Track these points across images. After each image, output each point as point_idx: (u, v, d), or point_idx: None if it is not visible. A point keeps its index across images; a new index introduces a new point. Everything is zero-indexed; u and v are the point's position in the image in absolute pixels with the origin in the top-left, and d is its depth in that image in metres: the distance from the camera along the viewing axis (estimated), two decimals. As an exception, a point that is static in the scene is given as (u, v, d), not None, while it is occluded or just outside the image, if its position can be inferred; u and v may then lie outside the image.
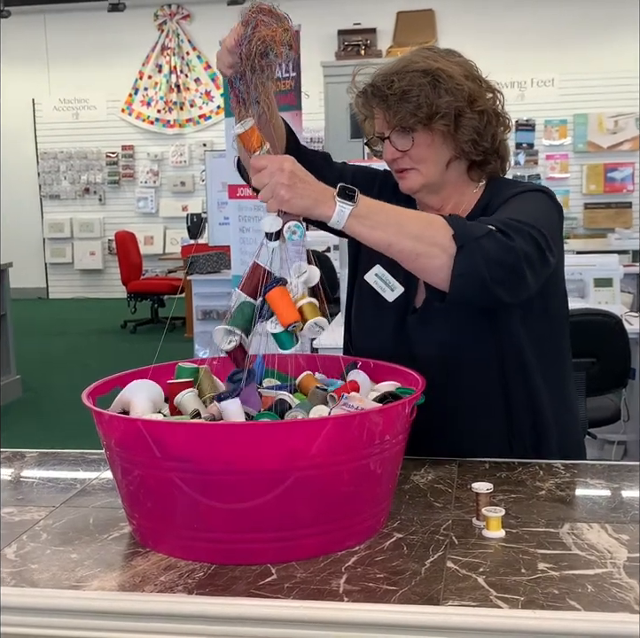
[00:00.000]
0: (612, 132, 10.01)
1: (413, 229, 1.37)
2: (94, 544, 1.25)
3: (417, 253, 1.37)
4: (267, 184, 1.31)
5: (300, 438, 1.15)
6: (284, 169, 1.31)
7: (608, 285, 4.24)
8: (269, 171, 1.31)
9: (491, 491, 1.28)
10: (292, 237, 1.33)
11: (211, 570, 1.16)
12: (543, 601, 1.04)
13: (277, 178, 1.30)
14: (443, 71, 1.55)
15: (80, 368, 6.96)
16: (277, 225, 1.32)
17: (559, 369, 1.65)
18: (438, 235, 1.37)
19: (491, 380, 1.57)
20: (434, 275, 1.38)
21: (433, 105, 1.53)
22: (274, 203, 1.31)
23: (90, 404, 1.25)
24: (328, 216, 1.34)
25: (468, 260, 1.35)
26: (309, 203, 1.33)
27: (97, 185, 11.56)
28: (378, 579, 1.11)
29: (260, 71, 1.32)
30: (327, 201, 1.33)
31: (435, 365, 1.51)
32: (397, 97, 1.54)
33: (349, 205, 1.34)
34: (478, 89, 1.58)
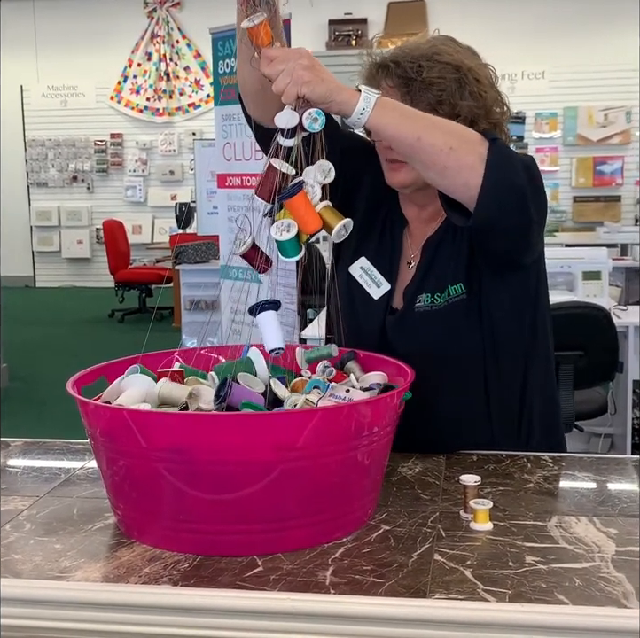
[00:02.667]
0: (601, 125, 10.02)
1: (443, 125, 1.32)
2: (78, 534, 1.24)
3: (450, 147, 1.29)
4: (283, 70, 1.21)
5: (288, 429, 1.14)
6: (303, 52, 1.23)
7: (596, 278, 4.25)
8: (285, 56, 1.23)
9: (479, 483, 1.27)
10: (314, 126, 1.23)
11: (196, 561, 1.14)
12: (531, 594, 1.03)
13: (295, 59, 1.21)
14: (473, 72, 1.49)
15: (67, 357, 6.93)
16: (293, 120, 1.22)
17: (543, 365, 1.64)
18: (468, 132, 1.33)
19: (472, 376, 1.56)
20: (466, 174, 1.31)
21: (455, 106, 1.47)
22: (292, 88, 1.21)
23: (75, 393, 1.24)
24: (352, 104, 1.24)
25: (502, 157, 1.31)
26: (332, 87, 1.23)
27: (86, 173, 11.50)
28: (364, 571, 1.10)
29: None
30: (350, 89, 1.25)
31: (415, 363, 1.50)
32: (423, 86, 1.47)
33: (376, 92, 1.25)
34: (497, 99, 1.54)
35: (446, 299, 1.54)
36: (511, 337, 1.57)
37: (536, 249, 1.52)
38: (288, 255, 1.27)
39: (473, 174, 1.31)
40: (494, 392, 1.56)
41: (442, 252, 1.58)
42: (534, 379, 1.60)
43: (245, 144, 4.27)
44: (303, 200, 1.25)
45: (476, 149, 1.32)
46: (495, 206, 1.33)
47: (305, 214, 1.25)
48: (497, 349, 1.56)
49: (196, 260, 6.85)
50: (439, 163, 1.31)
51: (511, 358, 1.58)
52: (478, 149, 1.32)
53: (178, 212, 8.83)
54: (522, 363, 1.59)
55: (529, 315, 1.58)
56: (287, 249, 1.27)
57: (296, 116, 1.23)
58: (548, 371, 1.65)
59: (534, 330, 1.59)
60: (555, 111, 10.06)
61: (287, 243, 1.26)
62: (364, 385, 1.36)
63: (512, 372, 1.58)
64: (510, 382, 1.58)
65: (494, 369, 1.56)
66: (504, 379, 1.57)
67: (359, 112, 1.26)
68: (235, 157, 4.33)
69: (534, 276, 1.57)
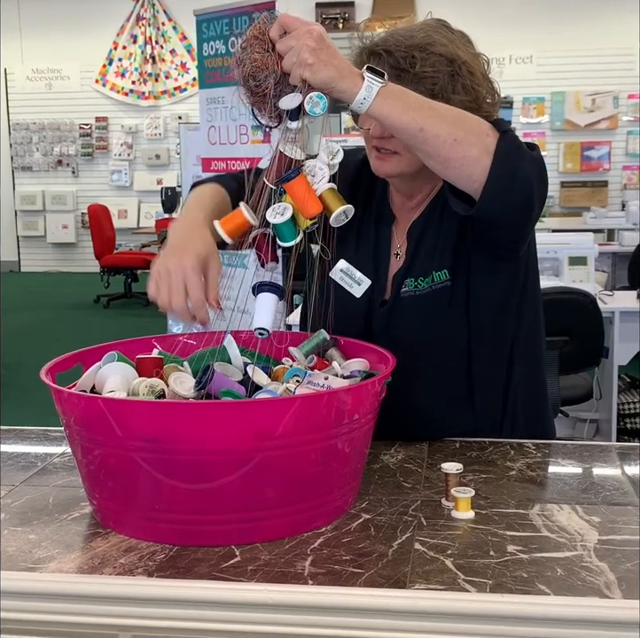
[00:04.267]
0: (589, 110, 10.00)
1: (448, 114, 1.29)
2: (53, 524, 1.22)
3: (454, 138, 1.26)
4: (292, 47, 1.21)
5: (267, 417, 1.12)
6: (313, 31, 1.21)
7: (583, 264, 4.24)
8: (296, 32, 1.21)
9: (461, 471, 1.25)
10: (315, 111, 1.22)
11: (173, 552, 1.12)
12: (512, 584, 1.02)
13: (304, 39, 1.20)
14: (468, 65, 1.46)
15: (52, 342, 6.89)
16: (297, 100, 1.22)
17: (531, 351, 1.62)
18: (476, 123, 1.30)
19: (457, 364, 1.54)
20: (470, 166, 1.28)
21: (448, 100, 1.43)
22: (296, 69, 1.21)
23: (49, 381, 1.21)
24: (353, 92, 1.22)
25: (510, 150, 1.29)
26: (334, 73, 1.21)
27: (71, 157, 11.40)
28: (344, 561, 1.09)
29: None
30: (353, 76, 1.23)
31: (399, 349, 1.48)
32: (415, 79, 1.44)
33: (379, 81, 1.23)
34: (490, 90, 1.51)
35: (430, 284, 1.52)
36: (497, 324, 1.55)
37: (530, 236, 1.50)
38: (284, 239, 1.26)
39: (478, 166, 1.29)
40: (478, 379, 1.54)
41: (428, 238, 1.56)
42: (520, 367, 1.58)
43: (230, 128, 4.24)
44: (303, 184, 1.24)
45: (482, 140, 1.29)
46: (500, 199, 1.32)
47: (305, 198, 1.23)
48: (482, 336, 1.53)
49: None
50: (442, 154, 1.29)
51: (495, 345, 1.56)
52: (484, 141, 1.29)
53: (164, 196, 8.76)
54: (507, 351, 1.57)
55: (516, 302, 1.56)
56: (283, 233, 1.26)
57: (298, 97, 1.22)
58: (535, 358, 1.63)
59: (520, 317, 1.57)
60: (542, 95, 10.04)
61: (284, 226, 1.24)
62: (345, 372, 1.34)
63: (497, 360, 1.56)
64: (494, 370, 1.56)
65: (478, 356, 1.54)
66: (489, 367, 1.55)
67: (359, 101, 1.24)
68: (220, 140, 4.30)
69: (522, 263, 1.55)
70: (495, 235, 1.44)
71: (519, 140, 1.35)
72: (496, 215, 1.35)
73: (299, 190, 1.24)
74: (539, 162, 1.39)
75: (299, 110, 1.23)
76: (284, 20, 1.23)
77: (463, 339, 1.53)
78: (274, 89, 1.23)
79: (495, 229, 1.41)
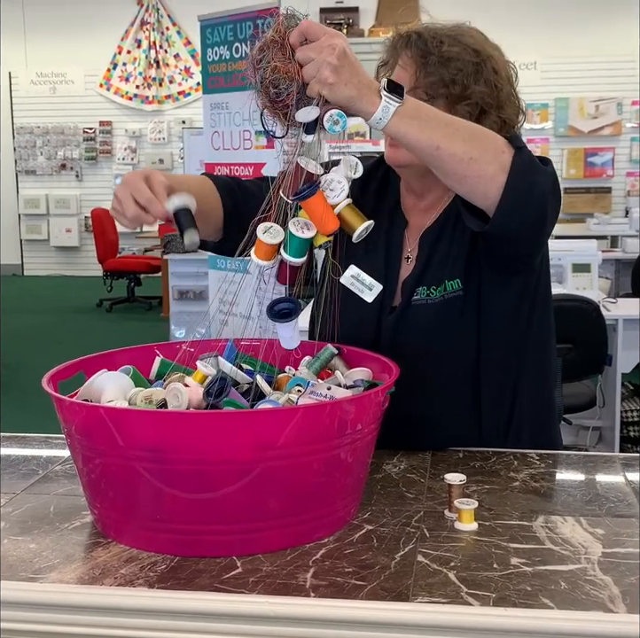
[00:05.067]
0: (593, 117, 10.00)
1: (465, 132, 1.29)
2: (54, 534, 1.21)
3: (470, 157, 1.26)
4: (313, 60, 1.18)
5: (269, 428, 1.11)
6: (336, 46, 1.18)
7: (586, 271, 4.23)
8: (318, 44, 1.18)
9: (464, 482, 1.25)
10: (334, 129, 1.21)
11: (174, 562, 1.12)
12: (515, 598, 1.01)
13: (326, 55, 1.18)
14: (492, 61, 1.48)
15: (54, 346, 6.89)
16: (314, 114, 1.20)
17: (541, 361, 1.61)
18: (492, 140, 1.30)
19: (465, 374, 1.53)
20: (486, 184, 1.29)
21: (467, 88, 1.45)
22: (315, 85, 1.19)
23: (51, 389, 1.21)
24: (370, 112, 1.22)
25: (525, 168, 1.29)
26: (354, 93, 1.20)
27: (74, 161, 11.41)
28: (346, 573, 1.08)
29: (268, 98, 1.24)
30: (372, 95, 1.21)
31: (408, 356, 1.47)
32: (439, 61, 1.45)
33: (396, 101, 1.22)
34: (510, 97, 1.52)
35: (442, 293, 1.52)
36: (507, 334, 1.54)
37: (543, 251, 1.51)
38: (294, 254, 1.26)
39: (493, 184, 1.29)
40: (485, 389, 1.53)
41: (441, 247, 1.56)
42: (528, 377, 1.57)
43: (234, 133, 4.24)
44: (320, 200, 1.23)
45: (498, 158, 1.30)
46: (514, 216, 1.32)
47: (322, 215, 1.23)
48: (492, 346, 1.53)
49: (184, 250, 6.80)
50: (458, 173, 1.29)
51: (505, 355, 1.55)
52: (500, 158, 1.30)
53: (167, 201, 8.76)
54: (516, 361, 1.56)
55: (527, 310, 1.55)
56: (297, 248, 1.25)
57: (315, 111, 1.21)
58: (544, 368, 1.62)
59: (530, 327, 1.56)
60: (546, 102, 10.03)
61: (303, 242, 1.24)
62: (348, 381, 1.33)
63: (505, 370, 1.55)
64: (502, 379, 1.55)
65: (486, 366, 1.53)
66: (497, 377, 1.54)
67: (376, 121, 1.24)
68: (223, 146, 4.30)
69: (535, 272, 1.55)
70: (508, 250, 1.43)
71: (533, 156, 1.36)
72: (510, 231, 1.35)
73: (317, 206, 1.23)
74: (552, 177, 1.39)
75: (315, 123, 1.22)
76: (305, 28, 1.20)
77: (472, 349, 1.52)
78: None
79: (508, 245, 1.41)
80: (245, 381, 1.33)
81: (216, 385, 1.21)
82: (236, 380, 1.33)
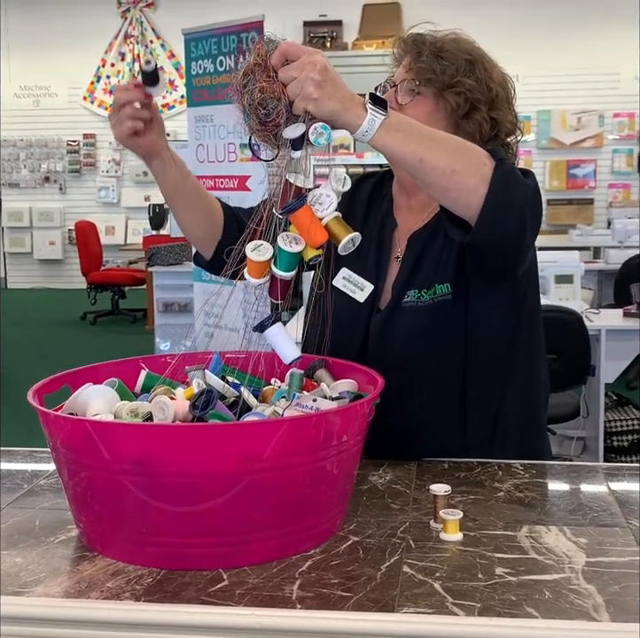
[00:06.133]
0: (574, 129, 10.08)
1: (448, 145, 1.31)
2: (40, 547, 1.21)
3: (452, 169, 1.29)
4: (295, 78, 1.21)
5: (255, 440, 1.11)
6: (317, 63, 1.21)
7: (569, 282, 4.26)
8: (300, 63, 1.21)
9: (449, 493, 1.25)
10: (319, 141, 1.23)
11: (160, 575, 1.12)
12: (500, 608, 1.02)
13: (308, 72, 1.20)
14: (485, 62, 1.56)
15: (38, 359, 6.86)
16: (300, 130, 1.22)
17: (529, 368, 1.62)
18: (474, 153, 1.33)
19: (451, 379, 1.55)
20: (467, 195, 1.31)
21: (455, 78, 1.52)
22: (300, 102, 1.21)
23: (36, 403, 1.21)
24: (356, 125, 1.24)
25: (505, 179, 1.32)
26: (338, 106, 1.22)
27: (58, 174, 11.39)
28: (332, 584, 1.08)
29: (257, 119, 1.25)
30: (357, 108, 1.24)
31: (396, 360, 1.49)
32: (432, 53, 1.53)
33: (381, 114, 1.24)
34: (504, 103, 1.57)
35: (431, 296, 1.54)
36: (494, 342, 1.56)
37: (526, 262, 1.52)
38: (282, 268, 1.27)
39: (474, 195, 1.31)
40: (471, 394, 1.55)
41: (432, 251, 1.58)
42: (515, 385, 1.59)
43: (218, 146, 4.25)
44: (307, 214, 1.25)
45: (480, 171, 1.32)
46: (495, 227, 1.34)
47: (310, 228, 1.25)
48: (479, 353, 1.54)
49: (169, 262, 6.80)
50: (441, 185, 1.31)
51: (492, 361, 1.56)
52: (482, 170, 1.32)
53: (152, 213, 8.76)
54: (503, 370, 1.57)
55: (513, 322, 1.57)
56: (287, 262, 1.26)
57: (301, 127, 1.23)
58: (532, 376, 1.63)
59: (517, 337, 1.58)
60: (528, 114, 10.09)
61: (292, 256, 1.25)
62: (334, 393, 1.34)
63: (492, 376, 1.57)
64: (489, 386, 1.57)
65: (474, 373, 1.55)
66: (484, 383, 1.56)
67: (362, 133, 1.25)
68: (208, 159, 4.30)
69: (521, 286, 1.57)
70: (490, 260, 1.45)
71: (514, 168, 1.38)
72: (491, 242, 1.38)
73: (304, 220, 1.25)
74: (533, 189, 1.41)
75: (302, 139, 1.23)
76: (285, 49, 1.23)
77: (459, 354, 1.54)
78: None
79: (489, 255, 1.43)
80: (231, 394, 1.34)
81: (202, 398, 1.21)
82: (222, 393, 1.34)
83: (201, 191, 1.59)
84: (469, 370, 1.54)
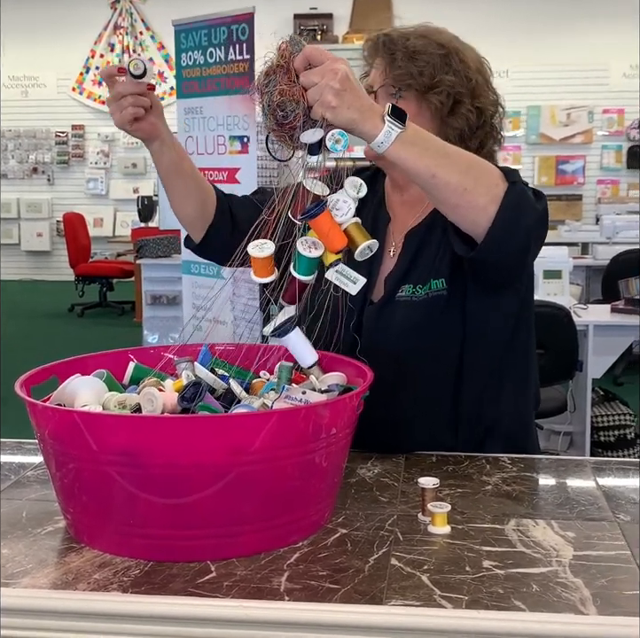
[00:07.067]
0: (564, 124, 10.10)
1: (461, 162, 1.31)
2: (27, 539, 1.20)
3: (464, 188, 1.29)
4: (315, 85, 1.21)
5: (243, 432, 1.11)
6: (339, 71, 1.21)
7: (557, 277, 4.27)
8: (322, 69, 1.21)
9: (437, 486, 1.26)
10: (336, 147, 1.23)
11: (148, 567, 1.11)
12: (488, 600, 1.02)
13: (328, 79, 1.20)
14: (460, 54, 1.54)
15: (25, 351, 6.82)
16: (318, 135, 1.23)
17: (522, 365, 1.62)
18: (487, 172, 1.33)
19: (445, 376, 1.55)
20: (476, 214, 1.32)
21: (435, 77, 1.50)
22: (319, 108, 1.21)
23: (24, 394, 1.20)
24: (373, 135, 1.24)
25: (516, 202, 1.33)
26: (356, 116, 1.23)
27: (46, 165, 11.34)
28: (320, 576, 1.08)
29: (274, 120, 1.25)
30: (374, 118, 1.24)
31: (389, 354, 1.49)
32: (406, 55, 1.51)
33: (399, 127, 1.24)
34: (484, 87, 1.57)
35: (426, 291, 1.54)
36: (494, 341, 1.56)
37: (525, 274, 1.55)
38: (302, 272, 1.27)
39: (483, 214, 1.32)
40: (465, 394, 1.55)
41: (428, 248, 1.58)
42: (509, 386, 1.59)
43: (208, 138, 4.23)
44: (327, 219, 1.25)
45: (491, 191, 1.32)
46: (500, 247, 1.36)
47: (330, 233, 1.25)
48: (474, 351, 1.54)
49: (157, 255, 6.78)
50: (451, 201, 1.32)
51: (488, 362, 1.56)
52: (493, 191, 1.32)
53: (140, 205, 8.74)
54: (499, 369, 1.58)
55: (513, 321, 1.58)
56: (306, 266, 1.27)
57: (319, 133, 1.23)
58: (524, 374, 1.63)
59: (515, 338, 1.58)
60: (518, 109, 10.11)
61: (310, 260, 1.26)
62: (323, 386, 1.34)
63: (487, 376, 1.57)
64: (482, 387, 1.56)
65: (468, 371, 1.55)
66: (478, 383, 1.56)
67: (377, 144, 1.26)
68: (197, 151, 4.28)
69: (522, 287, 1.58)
70: (490, 275, 1.48)
71: (526, 191, 1.39)
72: (494, 261, 1.40)
73: (324, 225, 1.25)
74: (541, 213, 1.42)
75: (319, 145, 1.24)
76: (309, 53, 1.23)
77: (454, 350, 1.54)
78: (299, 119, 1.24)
79: (490, 271, 1.45)
80: (220, 386, 1.33)
81: (191, 390, 1.21)
82: (211, 385, 1.34)
83: (197, 174, 1.60)
84: (464, 369, 1.54)
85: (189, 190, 1.58)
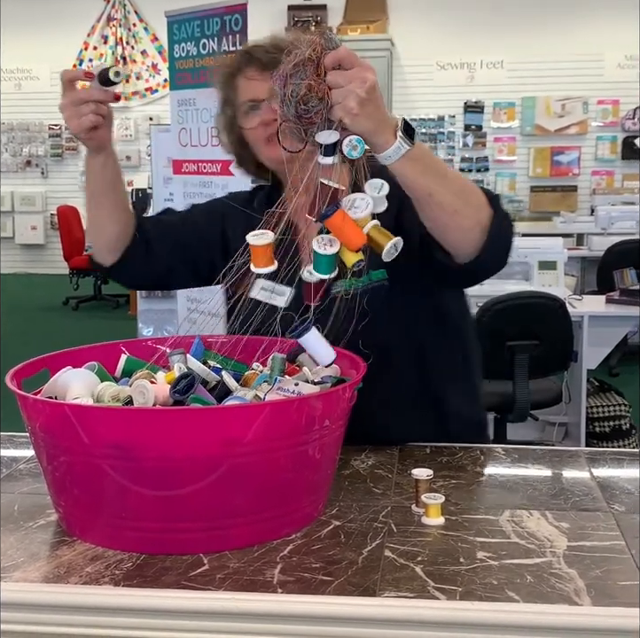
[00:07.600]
0: (559, 115, 10.07)
1: (455, 185, 1.36)
2: (18, 532, 1.20)
3: (454, 209, 1.34)
4: (341, 87, 1.21)
5: (236, 424, 1.10)
6: (367, 80, 1.21)
7: (552, 268, 4.27)
8: (351, 74, 1.21)
9: (431, 477, 1.25)
10: (352, 154, 1.23)
11: (140, 560, 1.11)
12: (482, 592, 1.02)
13: (356, 86, 1.21)
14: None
15: (19, 344, 6.80)
16: (334, 137, 1.23)
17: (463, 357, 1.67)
18: (475, 197, 1.38)
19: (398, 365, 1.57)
20: (461, 234, 1.38)
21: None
22: (339, 111, 1.21)
23: (14, 387, 1.19)
24: (383, 148, 1.26)
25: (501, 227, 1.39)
26: (372, 127, 1.24)
27: (40, 158, 11.28)
28: (313, 569, 1.08)
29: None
30: (387, 132, 1.25)
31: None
32: (282, 53, 1.49)
33: (408, 144, 1.26)
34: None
35: (367, 283, 1.54)
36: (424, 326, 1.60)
37: None
38: (322, 271, 1.27)
39: (467, 236, 1.38)
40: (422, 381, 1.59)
41: None
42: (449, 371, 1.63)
43: (202, 130, 4.21)
44: (342, 219, 1.25)
45: (477, 215, 1.38)
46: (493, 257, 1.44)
47: (347, 232, 1.25)
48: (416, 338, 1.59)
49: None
50: (441, 221, 1.37)
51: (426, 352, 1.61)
52: (479, 215, 1.38)
53: (135, 198, 8.71)
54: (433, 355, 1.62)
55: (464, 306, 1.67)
56: (323, 264, 1.26)
57: (335, 135, 1.23)
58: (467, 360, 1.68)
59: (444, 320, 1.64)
60: (513, 100, 10.08)
61: (327, 258, 1.26)
62: (316, 378, 1.33)
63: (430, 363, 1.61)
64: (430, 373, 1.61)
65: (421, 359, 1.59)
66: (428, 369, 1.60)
67: (384, 157, 1.27)
68: (191, 142, 4.26)
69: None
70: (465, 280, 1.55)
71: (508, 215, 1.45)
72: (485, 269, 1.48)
73: (340, 223, 1.25)
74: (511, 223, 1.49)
75: (334, 147, 1.24)
76: (341, 55, 1.22)
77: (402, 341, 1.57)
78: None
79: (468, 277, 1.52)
80: (212, 378, 1.33)
81: (184, 382, 1.20)
82: (203, 378, 1.33)
83: (125, 194, 1.64)
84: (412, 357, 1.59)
85: (118, 209, 1.61)
